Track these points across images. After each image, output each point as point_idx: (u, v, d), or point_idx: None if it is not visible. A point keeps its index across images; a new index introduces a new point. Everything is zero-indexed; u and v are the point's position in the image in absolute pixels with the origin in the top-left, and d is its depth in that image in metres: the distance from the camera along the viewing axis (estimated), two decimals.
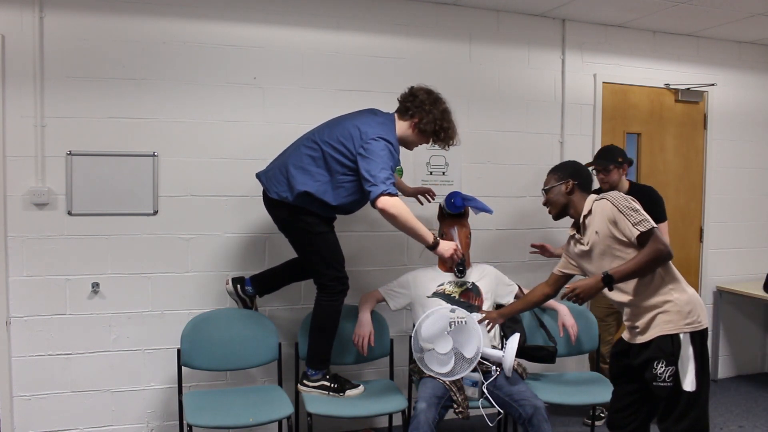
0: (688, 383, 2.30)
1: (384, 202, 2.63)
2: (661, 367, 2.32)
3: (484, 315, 3.00)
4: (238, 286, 3.09)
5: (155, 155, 3.18)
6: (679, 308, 2.33)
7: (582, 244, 2.54)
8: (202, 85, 3.24)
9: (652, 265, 2.32)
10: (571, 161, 2.79)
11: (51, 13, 3.00)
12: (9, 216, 3.00)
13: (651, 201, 3.41)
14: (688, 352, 2.31)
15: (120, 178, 3.14)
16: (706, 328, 2.39)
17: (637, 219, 2.33)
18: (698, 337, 2.35)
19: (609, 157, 3.45)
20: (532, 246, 3.61)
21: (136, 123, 3.16)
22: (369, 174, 2.65)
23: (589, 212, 2.49)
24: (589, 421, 3.62)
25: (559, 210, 2.62)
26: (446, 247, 2.82)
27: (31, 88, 2.98)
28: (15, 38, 2.96)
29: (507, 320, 3.20)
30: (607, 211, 2.40)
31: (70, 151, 3.06)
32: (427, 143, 3.00)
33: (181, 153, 3.22)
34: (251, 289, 3.11)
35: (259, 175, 2.94)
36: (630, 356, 2.46)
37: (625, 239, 2.36)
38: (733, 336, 4.57)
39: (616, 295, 2.44)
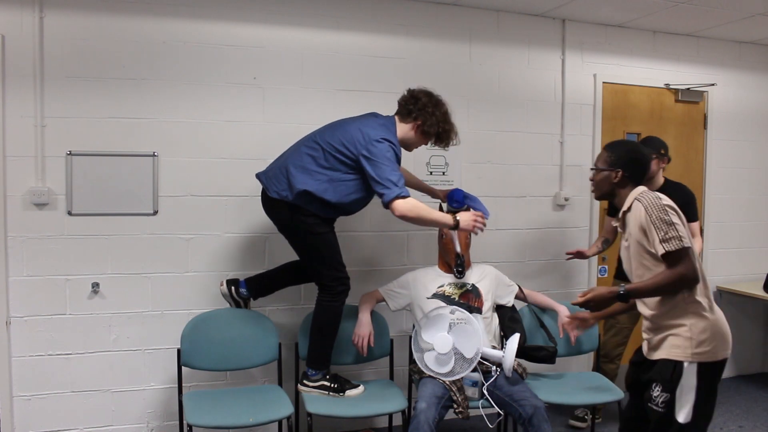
0: (683, 415, 2.15)
1: (401, 207, 2.65)
2: (657, 390, 2.20)
3: (572, 318, 2.95)
4: (233, 288, 3.09)
5: (155, 155, 3.18)
6: (691, 335, 2.16)
7: (624, 239, 2.35)
8: (202, 85, 3.24)
9: (672, 288, 2.16)
10: (631, 144, 2.50)
11: (51, 13, 3.00)
12: (9, 216, 3.00)
13: (684, 199, 3.35)
14: (690, 382, 2.15)
15: (120, 178, 3.14)
16: (723, 361, 2.20)
17: (667, 235, 2.12)
18: (707, 370, 2.16)
19: (653, 146, 3.39)
20: (568, 253, 3.62)
21: (136, 123, 3.16)
22: (380, 177, 2.67)
23: (629, 209, 2.29)
24: (575, 422, 3.63)
25: (602, 195, 2.40)
26: (467, 221, 2.79)
27: (31, 88, 2.98)
28: (15, 38, 2.96)
29: (507, 320, 3.21)
30: (641, 217, 2.21)
31: (70, 151, 3.06)
32: (426, 144, 3.02)
33: (181, 153, 3.22)
34: (245, 292, 3.10)
35: (259, 176, 2.94)
36: (641, 369, 2.34)
37: (653, 251, 2.19)
38: (733, 336, 4.53)
39: (638, 304, 2.35)
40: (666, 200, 2.22)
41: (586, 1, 3.58)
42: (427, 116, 2.86)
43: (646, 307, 2.30)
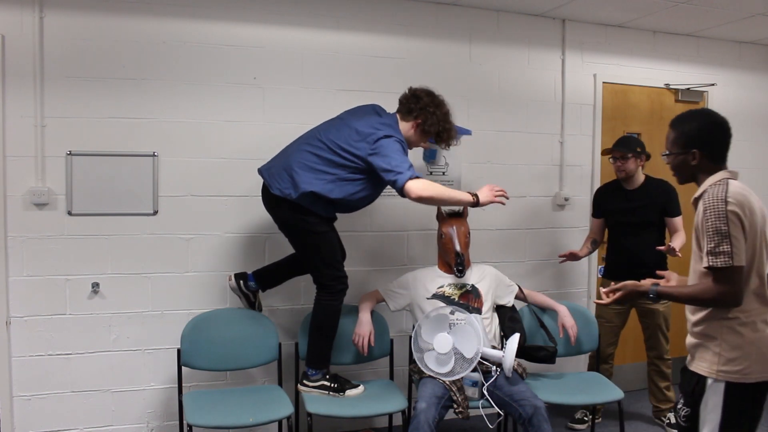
0: None
1: (415, 188, 2.62)
2: (681, 403, 2.07)
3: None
4: (241, 281, 3.09)
5: (155, 155, 3.18)
6: (720, 350, 1.95)
7: (693, 227, 2.07)
8: (202, 85, 3.24)
9: (707, 304, 1.98)
10: (701, 115, 2.11)
11: (51, 13, 3.00)
12: (9, 216, 3.00)
13: (666, 196, 3.47)
14: (715, 400, 1.95)
15: (120, 178, 3.14)
16: (757, 384, 1.95)
17: (717, 248, 1.90)
18: (737, 391, 1.94)
19: (628, 146, 3.47)
20: (561, 255, 3.67)
21: (136, 123, 3.16)
22: (390, 166, 2.66)
23: (700, 196, 2.03)
24: (573, 425, 3.64)
25: (686, 180, 2.16)
26: (486, 195, 2.83)
27: (31, 88, 2.98)
28: (15, 38, 2.95)
29: (507, 320, 3.21)
30: (698, 216, 1.99)
31: (70, 151, 3.06)
32: (426, 143, 3.03)
33: (181, 153, 3.22)
34: (254, 284, 3.10)
35: (260, 170, 2.92)
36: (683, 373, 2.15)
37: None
38: None
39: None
40: (733, 204, 1.92)
41: (586, 1, 3.58)
42: (428, 115, 2.86)
43: (687, 309, 2.11)
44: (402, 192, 2.65)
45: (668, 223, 3.49)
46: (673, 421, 3.58)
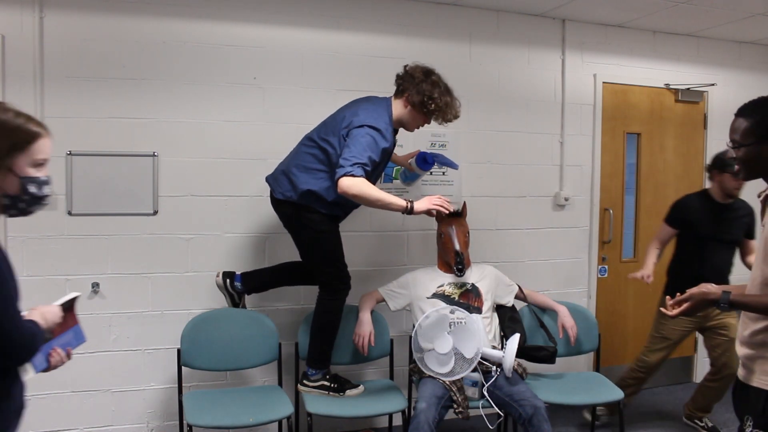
0: None
1: (342, 183, 2.57)
2: (749, 425, 1.77)
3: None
4: (228, 280, 3.08)
5: (155, 155, 3.18)
6: None
7: (762, 225, 1.87)
8: (202, 85, 3.24)
9: None
10: None
11: (51, 13, 3.00)
12: None
13: (751, 216, 3.34)
14: None
15: (120, 178, 3.14)
16: None
17: None
18: None
19: (726, 165, 3.27)
20: (634, 277, 3.40)
21: (136, 123, 3.16)
22: (343, 157, 2.63)
23: None
24: (589, 417, 3.62)
25: (759, 172, 1.84)
26: (422, 203, 2.71)
27: (31, 88, 2.98)
28: (15, 38, 2.95)
29: (507, 320, 3.21)
30: None
31: (70, 151, 3.06)
32: (425, 121, 2.89)
33: (181, 153, 3.22)
34: (240, 286, 3.09)
35: (267, 179, 2.97)
36: (735, 394, 1.90)
37: None
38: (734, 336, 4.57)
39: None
40: None
41: (586, 1, 3.58)
42: (413, 86, 2.78)
43: (745, 315, 1.86)
44: (336, 186, 2.62)
45: (745, 244, 3.38)
46: (710, 424, 3.55)
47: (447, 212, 2.81)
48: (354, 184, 2.58)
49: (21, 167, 1.52)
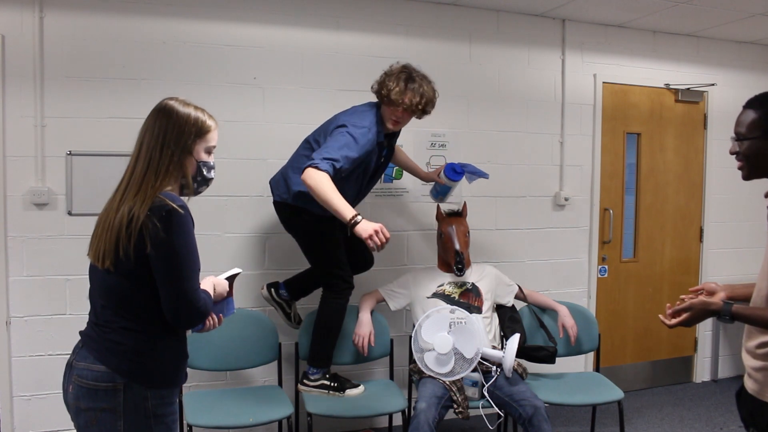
0: None
1: (305, 172, 2.54)
2: None
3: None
4: (272, 290, 3.11)
5: None
6: None
7: None
8: (202, 85, 3.23)
9: None
10: None
11: (51, 13, 3.00)
12: (9, 216, 2.99)
13: None
14: None
15: (120, 178, 3.12)
16: None
17: None
18: None
19: None
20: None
21: (136, 123, 3.10)
22: (318, 150, 2.64)
23: None
24: None
25: (762, 170, 1.73)
26: (365, 227, 2.54)
27: (31, 88, 2.98)
28: (15, 38, 2.95)
29: (507, 320, 3.21)
30: None
31: (70, 151, 3.06)
32: (393, 113, 2.79)
33: None
34: (285, 293, 3.12)
35: (270, 182, 3.00)
36: (740, 402, 1.82)
37: None
38: (733, 336, 4.56)
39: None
40: None
41: (586, 1, 3.58)
42: (382, 80, 2.79)
43: (750, 328, 1.77)
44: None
45: None
46: None
47: (379, 248, 2.63)
48: (314, 176, 2.52)
49: (199, 152, 1.86)
